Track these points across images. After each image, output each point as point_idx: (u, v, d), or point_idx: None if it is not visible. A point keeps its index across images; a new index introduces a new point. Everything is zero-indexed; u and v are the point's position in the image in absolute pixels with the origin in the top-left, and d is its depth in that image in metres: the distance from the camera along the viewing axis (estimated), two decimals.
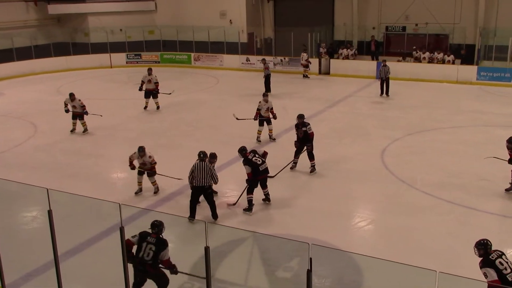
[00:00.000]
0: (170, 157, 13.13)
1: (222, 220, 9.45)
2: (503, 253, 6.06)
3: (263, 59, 22.06)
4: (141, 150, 10.51)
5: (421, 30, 26.55)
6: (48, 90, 23.03)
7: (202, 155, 9.51)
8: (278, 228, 9.04)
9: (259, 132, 14.22)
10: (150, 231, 6.66)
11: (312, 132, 11.79)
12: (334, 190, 11.04)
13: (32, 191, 9.71)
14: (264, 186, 10.12)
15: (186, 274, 6.85)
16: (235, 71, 26.82)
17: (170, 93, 18.44)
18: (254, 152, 10.09)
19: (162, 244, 6.47)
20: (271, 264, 7.90)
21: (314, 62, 25.49)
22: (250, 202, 9.80)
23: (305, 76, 24.58)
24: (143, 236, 6.61)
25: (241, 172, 10.10)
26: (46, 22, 30.41)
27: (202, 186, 9.23)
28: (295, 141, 12.07)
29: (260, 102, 14.04)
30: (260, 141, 14.19)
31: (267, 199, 10.23)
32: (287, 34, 26.52)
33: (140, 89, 18.06)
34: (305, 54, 24.61)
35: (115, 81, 24.77)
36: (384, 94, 19.93)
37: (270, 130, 14.31)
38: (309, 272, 4.50)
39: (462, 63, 23.47)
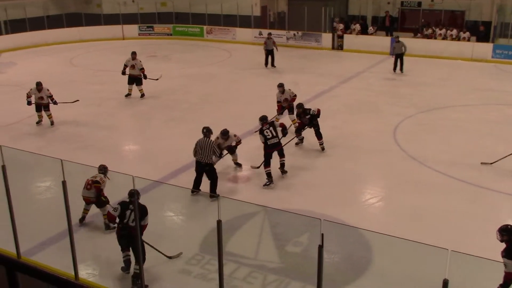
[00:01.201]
0: (180, 130, 13.20)
1: (233, 194, 9.51)
2: None
3: (269, 33, 21.73)
4: None
5: (437, 6, 26.09)
6: (61, 61, 23.07)
7: (205, 131, 9.49)
8: (287, 203, 9.08)
9: (294, 121, 12.64)
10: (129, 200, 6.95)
11: (319, 109, 11.66)
12: (345, 166, 11.04)
13: (45, 162, 9.84)
14: (281, 155, 10.29)
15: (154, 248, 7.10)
16: (248, 44, 26.62)
17: (157, 79, 16.47)
18: (271, 124, 10.19)
19: (143, 209, 6.79)
20: (281, 238, 7.97)
21: (328, 37, 25.24)
22: (268, 174, 9.97)
23: (339, 47, 24.95)
24: (124, 205, 6.96)
25: (250, 147, 10.14)
26: None
27: (201, 162, 9.27)
28: (296, 129, 11.83)
29: (276, 94, 13.07)
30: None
31: (282, 169, 10.34)
32: (300, 8, 26.19)
33: (123, 73, 16.39)
34: (340, 24, 24.93)
35: (127, 53, 24.51)
36: (398, 71, 19.72)
37: (294, 121, 12.78)
38: (320, 247, 4.54)
39: (478, 41, 23.10)
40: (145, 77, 16.38)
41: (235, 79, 19.44)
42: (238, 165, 10.77)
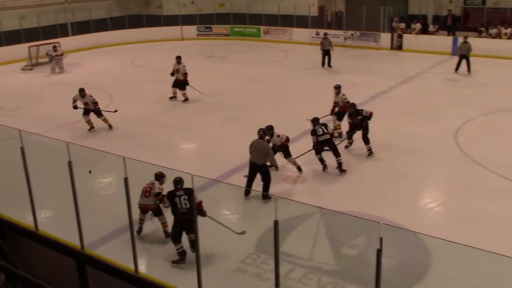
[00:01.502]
0: (236, 129, 13.33)
1: (288, 195, 9.52)
2: None
3: (325, 33, 21.59)
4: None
5: (502, 4, 25.03)
6: (123, 61, 23.83)
7: (261, 133, 9.57)
8: (342, 205, 8.98)
9: (339, 126, 12.60)
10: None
11: (371, 112, 11.44)
12: (403, 169, 10.79)
13: (108, 158, 10.21)
14: (336, 155, 10.47)
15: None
16: (305, 45, 26.53)
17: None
18: (324, 125, 10.47)
19: (190, 191, 7.13)
20: (337, 240, 7.91)
21: (386, 36, 24.77)
22: (321, 160, 10.52)
23: (398, 47, 24.68)
24: (172, 194, 7.40)
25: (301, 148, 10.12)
26: None
27: (255, 163, 9.30)
28: (347, 131, 11.71)
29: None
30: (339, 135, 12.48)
31: (340, 168, 10.42)
32: (358, 8, 25.83)
33: (172, 74, 16.32)
34: (402, 23, 24.96)
35: (186, 54, 25.07)
36: (463, 71, 19.05)
37: (338, 126, 12.53)
38: (379, 251, 4.47)
39: None
40: (187, 83, 16.22)
41: (291, 79, 19.41)
42: (299, 169, 10.57)
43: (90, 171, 9.22)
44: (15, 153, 7.50)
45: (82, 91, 13.60)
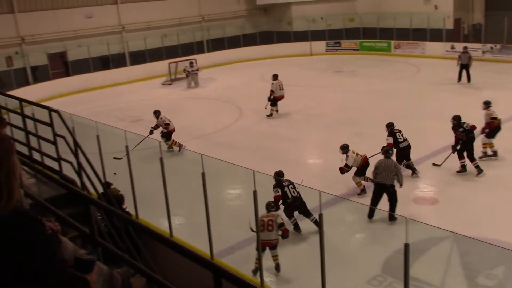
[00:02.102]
0: (363, 146, 13.02)
1: (415, 216, 9.08)
2: None
3: (464, 47, 20.37)
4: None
5: None
6: (253, 76, 24.63)
7: (391, 152, 9.28)
8: (477, 230, 8.35)
9: (489, 145, 11.70)
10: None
11: (473, 125, 10.82)
12: None
13: (238, 170, 10.56)
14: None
15: None
16: (438, 59, 25.32)
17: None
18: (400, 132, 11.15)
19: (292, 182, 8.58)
20: (471, 268, 7.37)
21: None
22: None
23: None
24: (280, 186, 8.56)
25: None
26: (254, 12, 32.44)
27: (384, 184, 8.98)
28: (452, 145, 10.97)
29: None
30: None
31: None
32: (499, 19, 24.11)
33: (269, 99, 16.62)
34: None
35: (314, 69, 25.39)
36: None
37: (485, 145, 11.73)
38: None
39: None
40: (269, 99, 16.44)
41: (423, 94, 18.61)
42: (363, 191, 10.19)
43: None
44: (155, 162, 8.07)
45: (156, 113, 13.88)
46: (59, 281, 1.82)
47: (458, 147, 10.82)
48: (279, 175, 8.87)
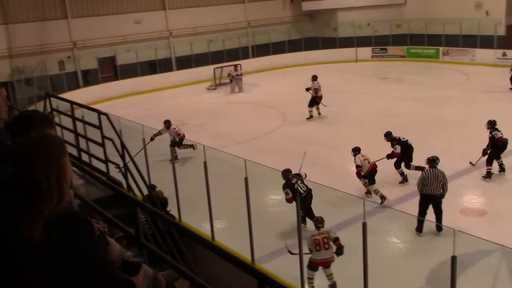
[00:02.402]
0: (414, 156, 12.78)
1: (461, 227, 8.82)
2: None
3: None
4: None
5: None
6: (297, 82, 24.48)
7: (438, 161, 9.04)
8: None
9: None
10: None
11: (500, 137, 10.76)
12: None
13: (279, 176, 10.55)
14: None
15: None
16: (489, 66, 24.57)
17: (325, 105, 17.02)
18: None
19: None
20: None
21: None
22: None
23: None
24: (289, 185, 8.72)
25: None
26: (300, 18, 32.41)
27: (434, 194, 8.75)
28: (484, 149, 11.09)
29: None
30: None
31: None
32: None
33: (307, 90, 17.55)
34: None
35: (359, 75, 25.12)
36: None
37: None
38: None
39: None
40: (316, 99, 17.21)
41: (472, 103, 18.11)
42: (383, 198, 10.17)
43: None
44: (198, 166, 8.16)
45: (166, 123, 13.76)
46: (106, 282, 1.86)
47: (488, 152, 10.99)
48: (287, 171, 9.11)
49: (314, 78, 17.70)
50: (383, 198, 10.04)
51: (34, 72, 21.97)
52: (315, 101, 17.29)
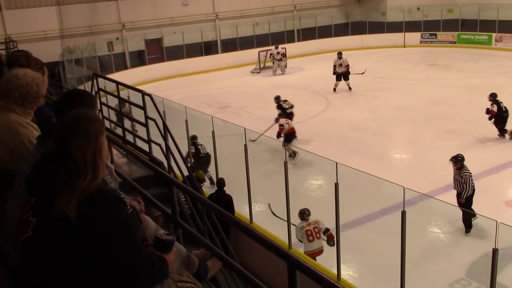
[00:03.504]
0: (456, 143, 12.44)
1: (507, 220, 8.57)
2: None
3: None
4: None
5: None
6: None
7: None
8: None
9: None
10: None
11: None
12: None
13: (321, 162, 10.50)
14: None
15: None
16: None
17: (362, 73, 19.17)
18: None
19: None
20: None
21: None
22: None
23: None
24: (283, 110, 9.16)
25: None
26: (347, 2, 31.83)
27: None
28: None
29: None
30: None
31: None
32: None
33: (334, 73, 18.85)
34: None
35: (407, 61, 24.52)
36: None
37: None
38: None
39: None
40: (349, 73, 18.75)
41: None
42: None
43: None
44: (239, 148, 8.22)
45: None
46: (138, 258, 1.91)
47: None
48: (277, 98, 9.67)
49: (340, 54, 18.89)
50: (292, 155, 10.94)
51: (84, 53, 22.54)
52: (346, 75, 18.68)
